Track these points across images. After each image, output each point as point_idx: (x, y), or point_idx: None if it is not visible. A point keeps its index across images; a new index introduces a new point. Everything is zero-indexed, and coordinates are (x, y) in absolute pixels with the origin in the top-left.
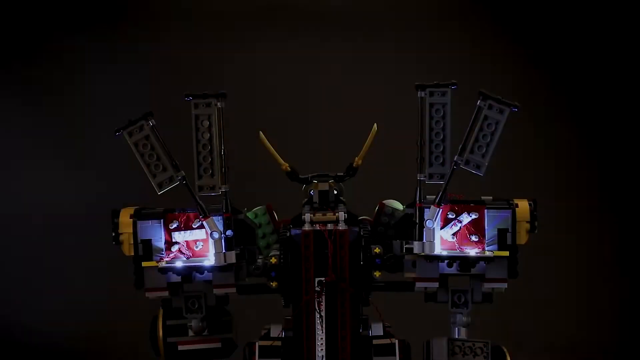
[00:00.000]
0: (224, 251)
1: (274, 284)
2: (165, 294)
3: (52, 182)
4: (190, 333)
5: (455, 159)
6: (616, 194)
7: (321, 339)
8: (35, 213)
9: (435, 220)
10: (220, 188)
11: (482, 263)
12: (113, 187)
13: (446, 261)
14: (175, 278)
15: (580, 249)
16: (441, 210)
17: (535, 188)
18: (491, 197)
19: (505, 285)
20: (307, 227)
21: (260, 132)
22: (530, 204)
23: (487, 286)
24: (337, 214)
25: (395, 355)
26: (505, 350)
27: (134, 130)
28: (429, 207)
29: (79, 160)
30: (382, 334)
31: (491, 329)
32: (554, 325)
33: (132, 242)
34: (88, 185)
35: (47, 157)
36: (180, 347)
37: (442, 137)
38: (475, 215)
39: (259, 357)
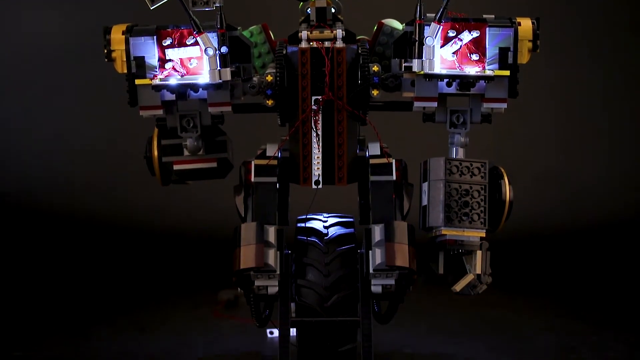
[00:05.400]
0: (218, 68)
1: (269, 103)
2: (160, 112)
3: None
4: (186, 153)
5: None
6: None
7: (317, 157)
8: (27, 44)
9: (435, 37)
10: (214, 3)
11: (482, 82)
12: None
13: (445, 80)
14: (170, 96)
15: (577, 83)
16: (442, 27)
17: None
18: (493, 16)
19: (504, 105)
20: (304, 44)
21: None
22: (533, 23)
23: (487, 106)
24: (334, 31)
25: (392, 175)
26: (502, 170)
27: None
28: (429, 25)
29: None
30: (379, 153)
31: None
32: (545, 158)
33: (124, 59)
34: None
35: None
36: (175, 167)
37: None
38: (477, 33)
39: (254, 176)
